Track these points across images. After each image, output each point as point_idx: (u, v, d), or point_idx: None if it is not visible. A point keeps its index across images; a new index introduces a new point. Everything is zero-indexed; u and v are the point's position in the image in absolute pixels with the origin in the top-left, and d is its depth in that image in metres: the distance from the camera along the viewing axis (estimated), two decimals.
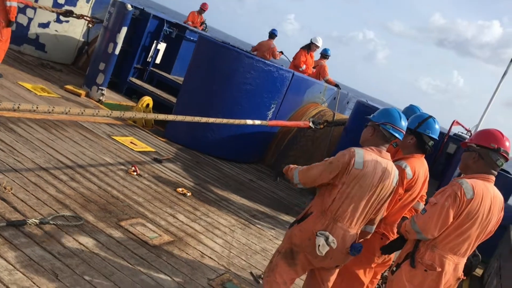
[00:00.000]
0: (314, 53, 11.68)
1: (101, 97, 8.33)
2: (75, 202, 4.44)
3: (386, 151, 3.44)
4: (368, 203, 3.28)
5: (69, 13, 9.25)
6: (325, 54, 11.86)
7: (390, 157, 3.44)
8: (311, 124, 7.84)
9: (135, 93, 9.54)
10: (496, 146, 3.17)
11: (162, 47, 10.25)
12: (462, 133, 8.14)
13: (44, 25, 9.57)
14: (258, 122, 7.13)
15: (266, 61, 8.03)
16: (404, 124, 3.45)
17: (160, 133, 7.99)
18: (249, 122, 6.82)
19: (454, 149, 7.67)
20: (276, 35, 12.60)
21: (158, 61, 10.33)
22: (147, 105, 8.28)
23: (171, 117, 5.63)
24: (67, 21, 9.74)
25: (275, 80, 7.92)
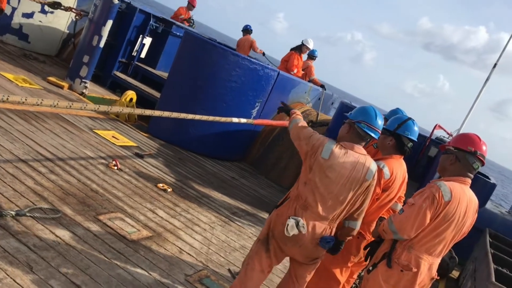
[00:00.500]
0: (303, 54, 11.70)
1: (84, 90, 8.25)
2: (53, 194, 4.40)
3: (367, 152, 3.46)
4: (339, 195, 3.25)
5: (57, 5, 9.14)
6: (312, 55, 11.93)
7: (365, 152, 3.43)
8: None
9: (119, 87, 9.46)
10: (473, 149, 3.22)
11: (148, 41, 10.18)
12: (444, 137, 8.25)
13: (28, 15, 9.43)
14: (244, 121, 7.13)
15: (252, 59, 8.04)
16: (380, 123, 3.46)
17: (143, 128, 7.94)
18: (235, 120, 6.81)
19: (435, 153, 7.77)
20: (251, 30, 12.58)
21: (143, 55, 10.26)
22: (131, 99, 8.21)
23: (157, 113, 5.57)
24: (51, 12, 9.61)
25: (260, 79, 7.93)
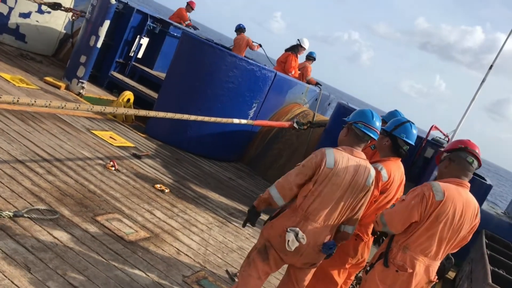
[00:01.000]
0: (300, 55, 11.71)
1: (81, 90, 8.23)
2: (50, 195, 4.39)
3: (364, 153, 3.48)
4: (340, 201, 3.31)
5: (57, 5, 9.13)
6: (310, 57, 11.97)
7: (365, 157, 3.47)
8: (295, 125, 7.97)
9: (116, 88, 9.44)
10: (463, 145, 3.27)
11: (145, 42, 10.17)
12: (440, 138, 8.27)
13: (25, 15, 9.40)
14: (244, 121, 7.19)
15: (249, 60, 8.04)
16: (378, 124, 3.49)
17: (141, 129, 7.94)
18: (236, 121, 6.86)
19: (431, 154, 7.79)
20: (244, 28, 12.58)
21: (140, 56, 10.25)
22: (128, 100, 8.20)
23: (161, 114, 5.57)
24: (48, 12, 9.58)
25: (257, 79, 7.94)
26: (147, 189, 5.56)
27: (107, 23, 8.18)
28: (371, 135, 3.43)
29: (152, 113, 5.54)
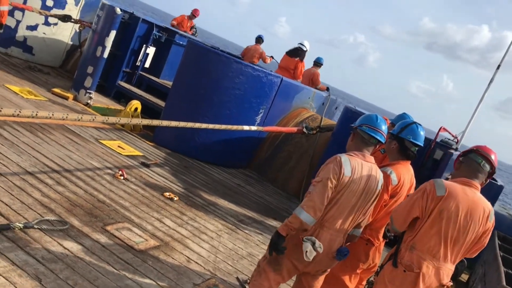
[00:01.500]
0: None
1: (89, 101, 8.29)
2: (60, 206, 4.41)
3: (374, 157, 3.47)
4: (354, 207, 3.31)
5: (67, 18, 9.25)
6: (318, 62, 11.99)
7: (377, 163, 3.47)
8: (304, 130, 7.99)
9: (123, 97, 9.50)
10: (475, 148, 3.26)
11: (152, 51, 10.22)
12: (449, 139, 8.21)
13: (32, 28, 9.51)
14: (254, 128, 7.24)
15: (255, 66, 8.06)
16: (384, 128, 3.48)
17: (149, 137, 7.96)
18: (246, 128, 6.90)
19: (440, 155, 7.74)
20: (263, 40, 12.66)
21: (147, 65, 10.30)
22: (136, 109, 8.24)
23: (174, 123, 5.51)
24: (55, 23, 9.68)
25: (263, 85, 7.94)
26: (156, 198, 5.57)
27: (113, 33, 8.24)
28: (376, 137, 3.41)
29: (173, 123, 5.46)
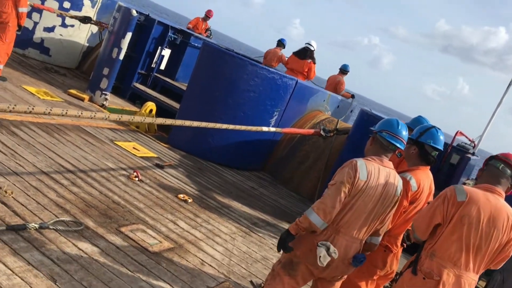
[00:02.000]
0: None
1: (104, 102, 8.33)
2: (75, 207, 4.42)
3: (390, 160, 3.42)
4: (371, 213, 3.25)
5: (87, 19, 9.35)
6: (344, 70, 12.26)
7: (393, 167, 3.42)
8: (322, 132, 7.96)
9: (138, 99, 9.53)
10: (500, 154, 3.19)
11: (167, 53, 10.25)
12: (466, 143, 8.10)
13: (49, 29, 9.60)
14: (273, 129, 7.26)
15: (270, 69, 8.03)
16: (405, 134, 3.42)
17: (163, 139, 7.98)
18: (265, 129, 6.91)
19: (457, 160, 7.63)
20: (284, 44, 12.64)
21: (163, 67, 10.33)
22: (151, 110, 8.26)
23: (187, 123, 5.51)
24: (72, 25, 9.77)
25: (278, 88, 7.91)
26: (170, 199, 5.56)
27: (129, 35, 8.28)
28: (396, 144, 3.36)
29: (187, 123, 5.42)
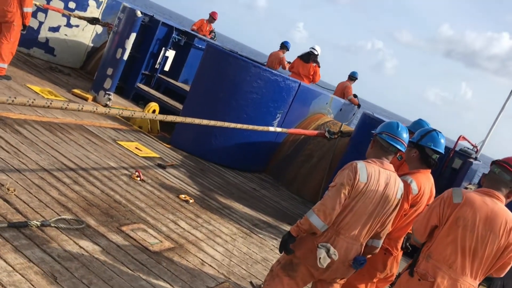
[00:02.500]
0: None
1: (108, 102, 8.36)
2: (77, 205, 4.44)
3: (390, 163, 3.43)
4: (372, 215, 3.26)
5: (96, 20, 9.42)
6: (352, 76, 12.52)
7: (394, 170, 3.42)
8: (326, 134, 8.01)
9: (142, 99, 9.57)
10: (500, 159, 3.18)
11: (171, 54, 10.28)
12: (468, 148, 8.09)
13: (54, 29, 9.66)
14: (279, 130, 7.31)
15: (273, 71, 8.04)
16: (406, 136, 3.43)
17: (166, 140, 8.00)
18: (271, 129, 6.96)
19: (459, 164, 7.62)
20: (287, 47, 12.79)
21: (167, 68, 10.35)
22: (154, 111, 8.30)
23: (188, 120, 5.57)
24: (77, 25, 9.82)
25: (281, 90, 7.93)
26: (172, 199, 5.58)
27: (133, 35, 8.31)
28: (396, 146, 3.37)
29: (188, 120, 5.46)
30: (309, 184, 8.45)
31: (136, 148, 6.85)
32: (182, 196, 5.76)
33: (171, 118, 5.03)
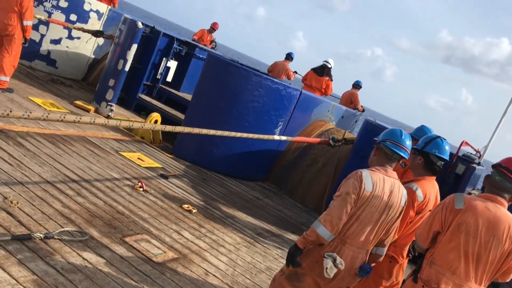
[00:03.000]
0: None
1: (110, 113, 8.38)
2: (80, 217, 4.44)
3: (394, 171, 3.42)
4: (377, 223, 3.26)
5: (100, 33, 9.48)
6: (357, 85, 12.71)
7: (398, 177, 3.42)
8: (331, 141, 8.02)
9: (144, 110, 9.59)
10: (501, 162, 3.15)
11: (173, 65, 10.30)
12: (471, 153, 8.07)
13: (56, 42, 9.70)
14: (284, 138, 7.32)
15: (274, 79, 8.06)
16: (409, 143, 3.43)
17: (168, 150, 8.01)
18: (276, 137, 6.97)
19: (462, 170, 7.60)
20: (292, 58, 13.16)
21: (170, 79, 10.36)
22: (156, 121, 8.31)
23: (187, 129, 5.57)
24: (78, 37, 9.87)
25: (282, 98, 7.94)
26: (175, 210, 5.57)
27: (134, 46, 8.35)
28: (400, 153, 3.36)
29: (187, 129, 5.48)
30: (313, 189, 8.42)
31: (138, 158, 6.85)
32: (185, 206, 5.75)
33: (179, 129, 5.04)
